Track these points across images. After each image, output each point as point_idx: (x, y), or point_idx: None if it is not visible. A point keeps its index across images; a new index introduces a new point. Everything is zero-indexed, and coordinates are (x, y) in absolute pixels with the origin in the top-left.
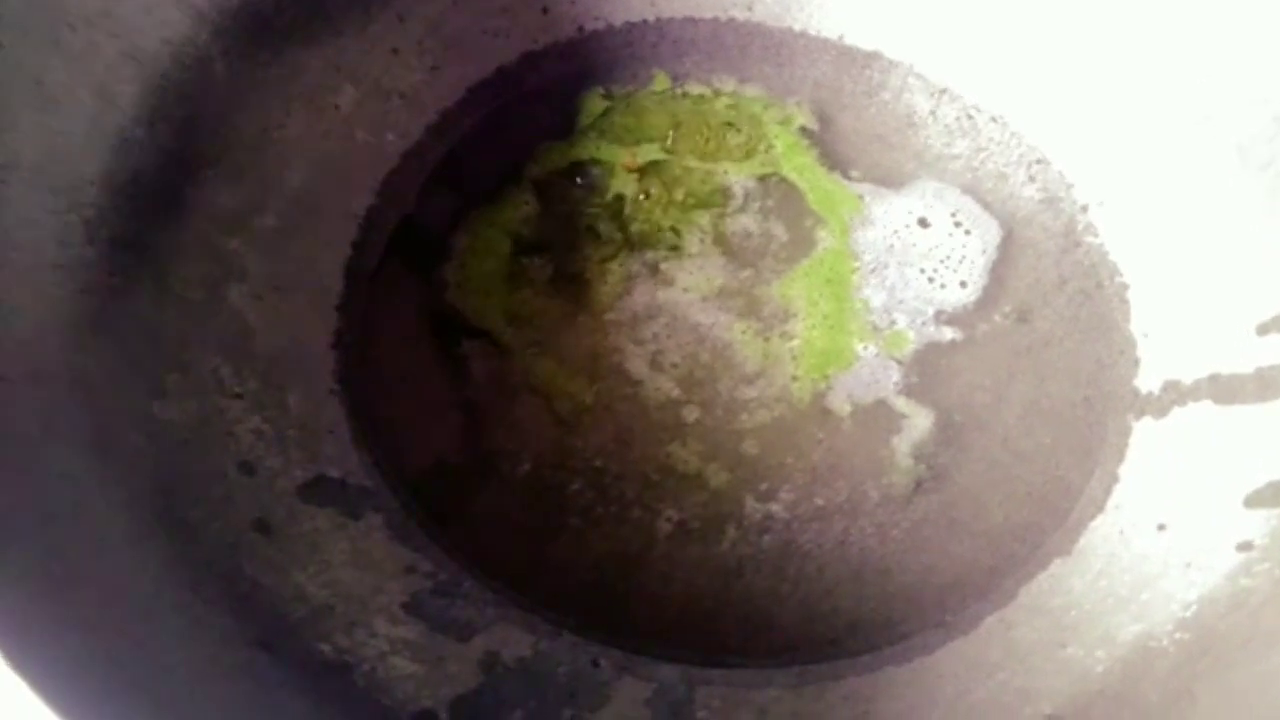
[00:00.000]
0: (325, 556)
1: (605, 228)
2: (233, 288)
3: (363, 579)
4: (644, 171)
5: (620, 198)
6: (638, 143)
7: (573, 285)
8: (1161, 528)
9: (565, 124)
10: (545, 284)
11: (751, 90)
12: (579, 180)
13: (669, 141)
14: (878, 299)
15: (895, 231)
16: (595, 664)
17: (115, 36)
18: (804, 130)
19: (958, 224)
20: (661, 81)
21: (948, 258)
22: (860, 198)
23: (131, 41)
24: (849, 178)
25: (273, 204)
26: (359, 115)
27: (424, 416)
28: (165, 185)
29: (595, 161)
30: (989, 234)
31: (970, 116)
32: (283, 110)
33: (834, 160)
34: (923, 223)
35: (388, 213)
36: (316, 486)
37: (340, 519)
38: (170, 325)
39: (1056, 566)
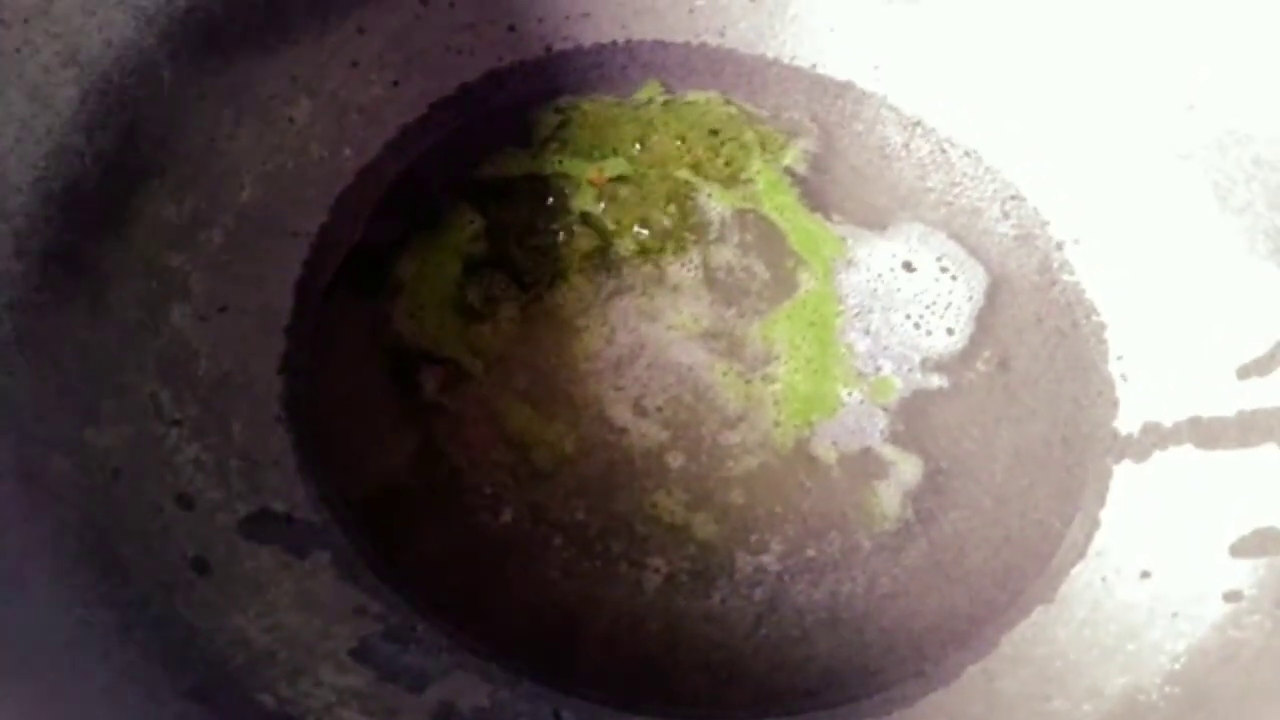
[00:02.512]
0: (268, 598)
1: (571, 250)
2: (175, 307)
3: (308, 622)
4: (612, 187)
5: (586, 216)
6: (604, 156)
7: (543, 316)
8: (1146, 575)
9: (528, 143)
10: (513, 314)
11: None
12: (544, 199)
13: (637, 153)
14: (862, 344)
15: (879, 275)
16: (557, 716)
17: (54, 36)
18: (786, 169)
19: (944, 269)
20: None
21: (934, 304)
22: (843, 239)
23: (71, 42)
24: (830, 219)
25: (220, 219)
26: (314, 129)
27: (378, 448)
28: (104, 196)
29: (558, 177)
30: (975, 280)
31: (944, 150)
32: (233, 121)
33: (815, 199)
34: (908, 266)
35: (342, 231)
36: (260, 521)
37: (285, 557)
38: (106, 346)
39: (1039, 614)
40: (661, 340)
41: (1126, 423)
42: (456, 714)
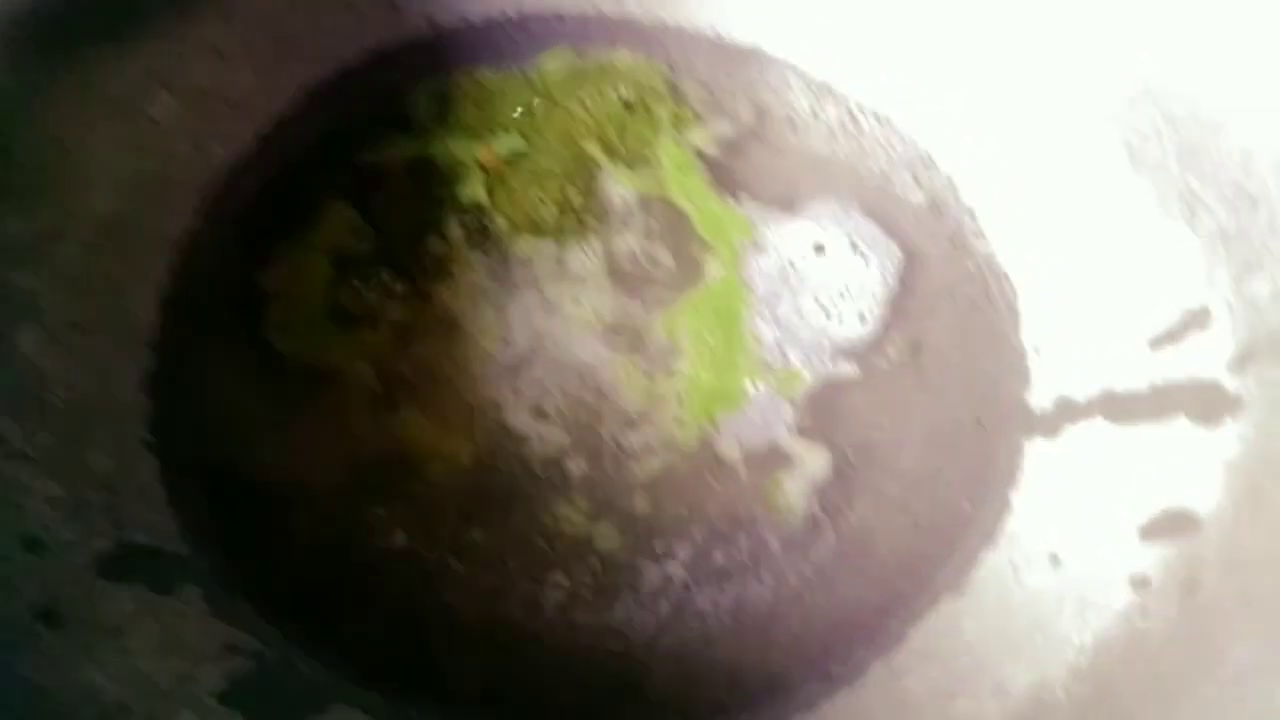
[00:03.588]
0: (125, 643)
1: (459, 241)
2: (23, 330)
3: (171, 667)
4: (504, 167)
5: (475, 202)
6: (493, 132)
7: (433, 316)
8: (1055, 561)
9: (411, 127)
10: (398, 316)
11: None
12: (428, 186)
13: (530, 127)
14: (770, 334)
15: (789, 260)
16: None
17: None
18: (694, 148)
19: (855, 249)
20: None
21: (845, 289)
22: (751, 222)
23: None
24: (738, 200)
25: (73, 232)
26: (178, 127)
27: (256, 471)
28: None
29: (444, 161)
30: (888, 260)
31: (854, 116)
32: (84, 124)
33: (723, 180)
34: (819, 249)
35: (214, 236)
36: (119, 558)
37: (148, 596)
38: None
39: (947, 604)
40: (560, 336)
41: (1039, 397)
42: None
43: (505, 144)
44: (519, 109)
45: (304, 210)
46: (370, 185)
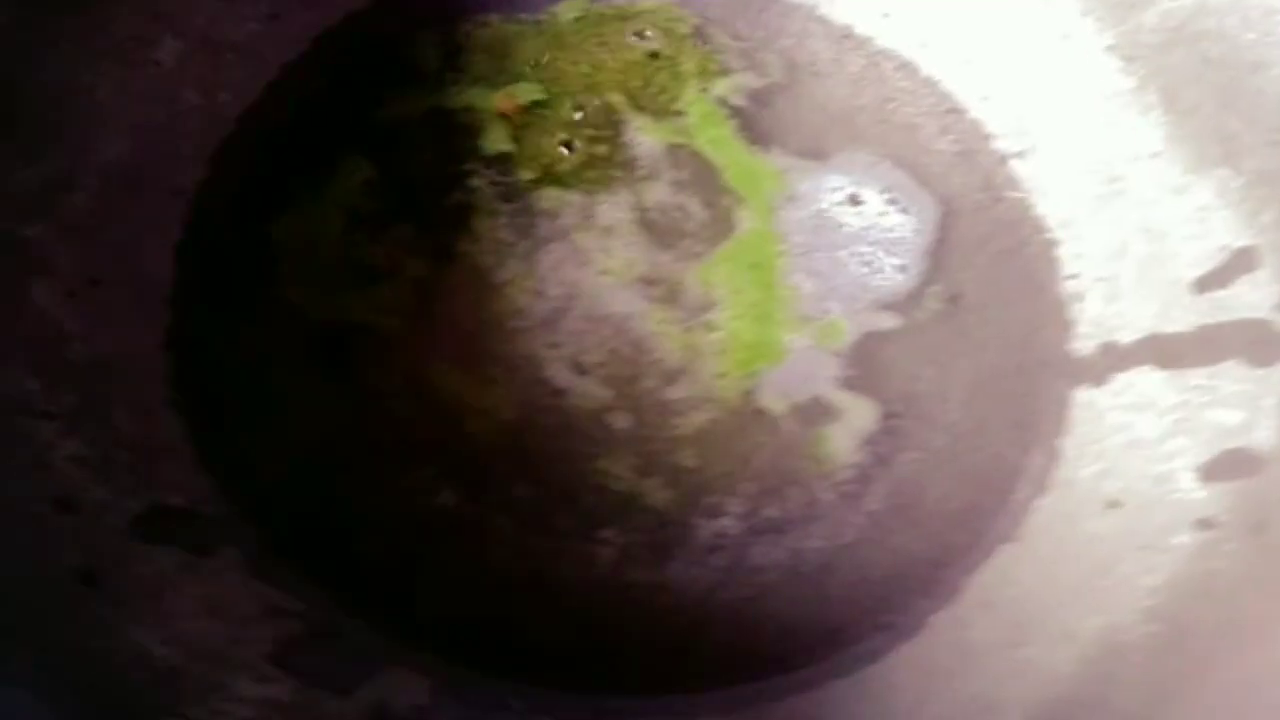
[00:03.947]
0: (169, 606)
1: (482, 193)
2: (37, 284)
3: (217, 630)
4: (524, 115)
5: (505, 154)
6: (510, 81)
7: (460, 270)
8: (1113, 505)
9: (424, 75)
10: (421, 272)
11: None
12: (445, 136)
13: (548, 74)
14: (808, 286)
15: (823, 210)
16: (504, 705)
17: None
18: (720, 98)
19: (892, 200)
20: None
21: (882, 239)
22: (782, 173)
23: None
24: (767, 149)
25: (82, 181)
26: (184, 72)
27: (286, 428)
28: None
29: (460, 110)
30: (925, 211)
31: (877, 64)
32: (90, 69)
33: (750, 129)
34: (853, 200)
35: (225, 186)
36: (154, 520)
37: (187, 558)
38: None
39: (1003, 554)
40: (594, 288)
41: (1082, 345)
42: (392, 715)
43: (524, 92)
44: (535, 59)
45: (315, 162)
46: (384, 136)
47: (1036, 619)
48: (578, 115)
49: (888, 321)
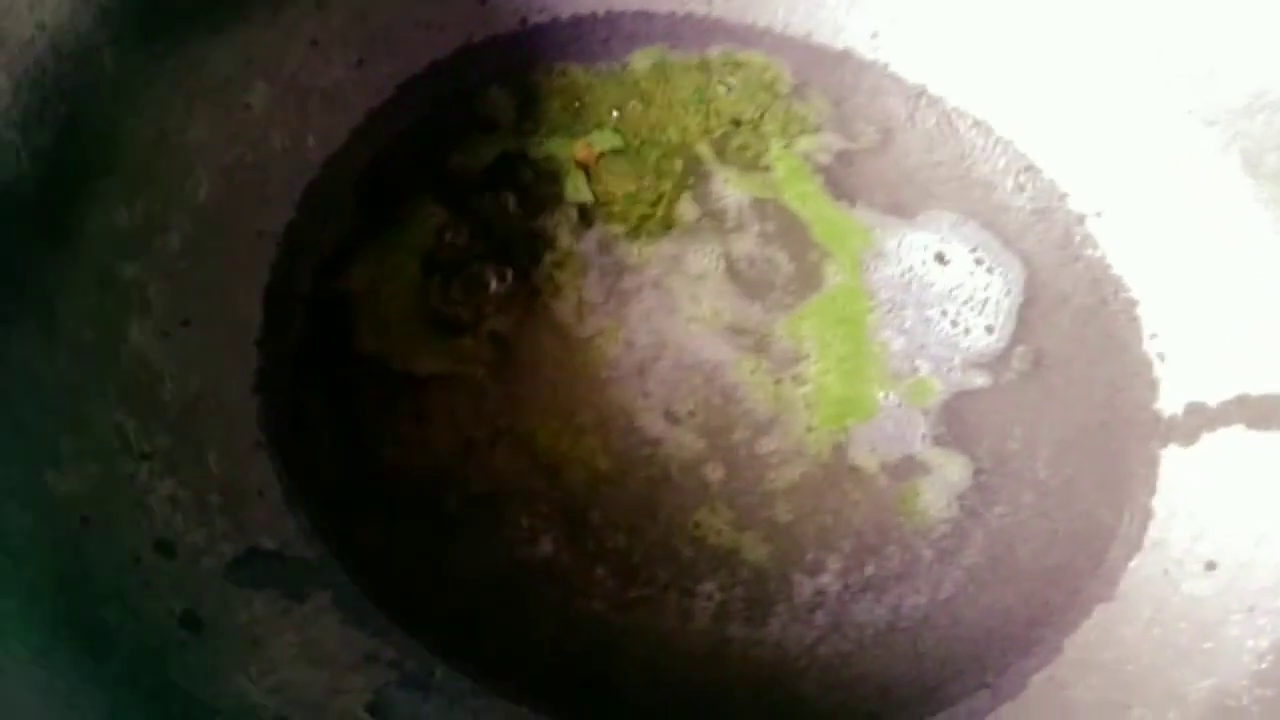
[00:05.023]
0: (270, 652)
1: (564, 240)
2: (133, 324)
3: (318, 678)
4: (603, 163)
5: (577, 200)
6: (587, 131)
7: (544, 319)
8: (1211, 566)
9: (503, 124)
10: (503, 325)
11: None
12: (524, 185)
13: (624, 123)
14: (897, 343)
15: (911, 268)
16: None
17: None
18: (804, 154)
19: (979, 261)
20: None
21: (970, 299)
22: (870, 230)
23: None
24: (853, 205)
25: (177, 222)
26: (274, 116)
27: (378, 473)
28: (45, 201)
29: (539, 159)
30: (1012, 272)
31: (950, 121)
32: (185, 111)
33: (835, 185)
34: (940, 259)
35: (311, 229)
36: (249, 564)
37: (282, 602)
38: (60, 374)
39: (1100, 614)
40: (683, 337)
41: (1168, 404)
42: None
43: (602, 142)
44: (613, 108)
45: (394, 208)
46: (461, 184)
47: (1141, 680)
48: (659, 166)
49: (977, 380)
